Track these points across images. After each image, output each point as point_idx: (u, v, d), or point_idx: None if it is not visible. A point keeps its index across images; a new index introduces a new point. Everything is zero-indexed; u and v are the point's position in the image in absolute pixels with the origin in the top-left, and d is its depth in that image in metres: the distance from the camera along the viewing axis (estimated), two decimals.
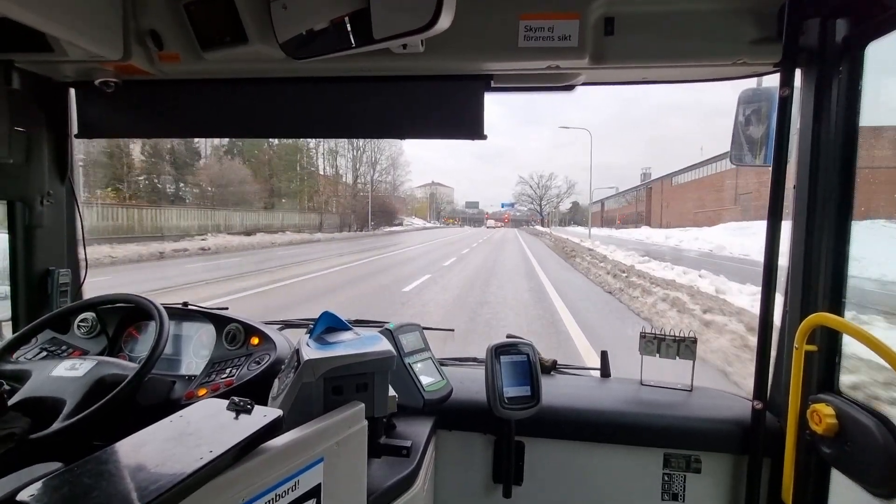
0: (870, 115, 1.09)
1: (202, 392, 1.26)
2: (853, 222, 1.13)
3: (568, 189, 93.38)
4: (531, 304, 8.77)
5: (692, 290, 8.27)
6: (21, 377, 1.12)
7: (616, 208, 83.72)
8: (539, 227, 58.31)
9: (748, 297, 7.47)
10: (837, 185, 1.13)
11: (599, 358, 1.65)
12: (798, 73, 1.17)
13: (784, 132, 1.15)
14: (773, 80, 1.22)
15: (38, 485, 0.60)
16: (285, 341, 1.40)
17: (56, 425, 1.00)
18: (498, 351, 1.32)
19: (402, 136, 1.43)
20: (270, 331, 1.42)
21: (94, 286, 1.72)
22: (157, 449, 0.69)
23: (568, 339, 6.21)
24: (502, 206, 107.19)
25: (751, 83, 1.38)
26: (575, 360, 2.57)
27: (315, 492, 0.80)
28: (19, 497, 0.58)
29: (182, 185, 29.95)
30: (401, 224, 62.19)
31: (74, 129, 1.55)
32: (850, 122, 1.11)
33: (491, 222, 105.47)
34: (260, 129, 1.47)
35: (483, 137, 1.35)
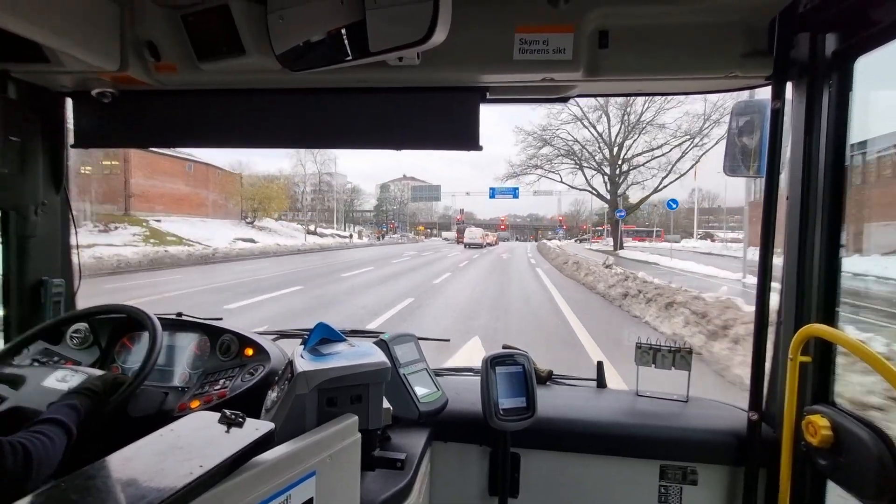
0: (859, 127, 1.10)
1: (195, 404, 1.25)
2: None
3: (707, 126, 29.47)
4: None
5: None
6: (16, 382, 1.10)
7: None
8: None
9: None
10: (829, 197, 1.14)
11: (596, 368, 1.64)
12: (789, 85, 1.19)
13: (776, 144, 1.16)
14: (765, 92, 1.24)
15: (25, 501, 0.59)
16: (279, 352, 1.39)
17: None
18: (493, 361, 1.32)
19: (398, 147, 1.43)
20: (265, 341, 1.41)
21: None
22: (146, 463, 0.68)
23: None
24: (491, 195, 41.08)
25: (743, 95, 1.39)
26: None
27: None
28: None
29: None
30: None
31: (70, 139, 1.55)
32: (840, 134, 1.12)
33: (475, 232, 45.22)
34: (256, 140, 1.47)
35: (479, 148, 1.36)
